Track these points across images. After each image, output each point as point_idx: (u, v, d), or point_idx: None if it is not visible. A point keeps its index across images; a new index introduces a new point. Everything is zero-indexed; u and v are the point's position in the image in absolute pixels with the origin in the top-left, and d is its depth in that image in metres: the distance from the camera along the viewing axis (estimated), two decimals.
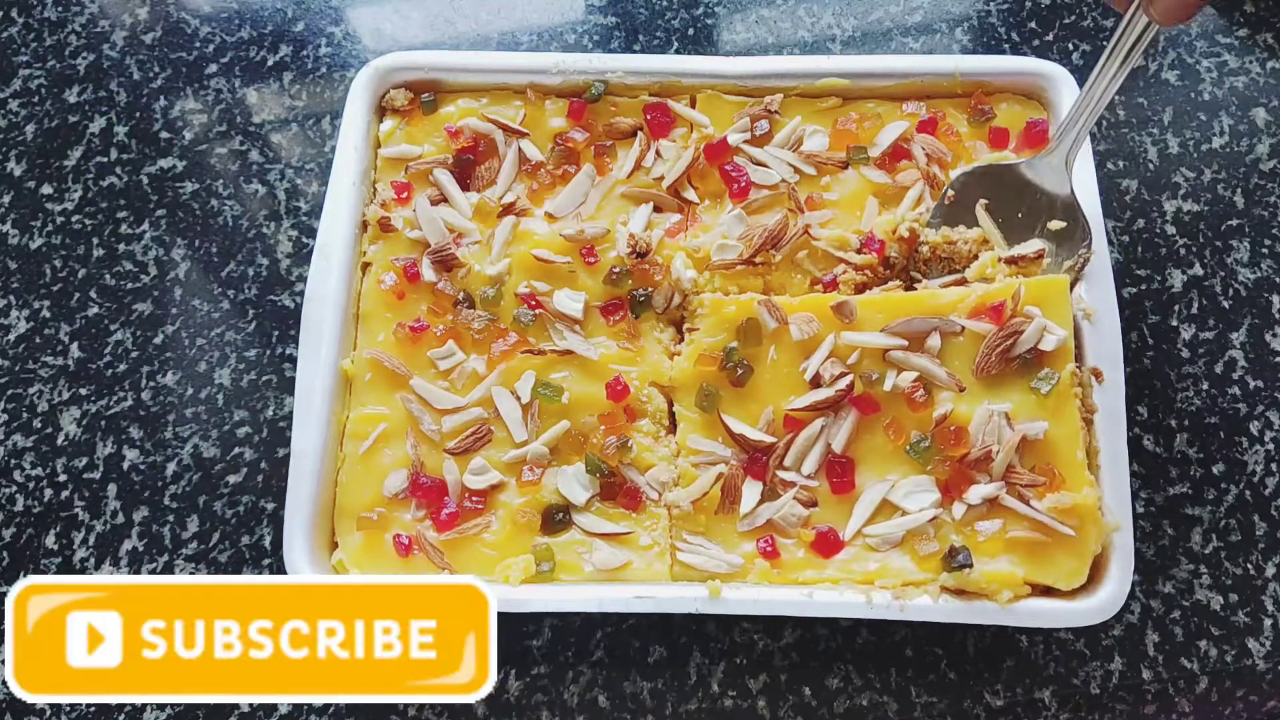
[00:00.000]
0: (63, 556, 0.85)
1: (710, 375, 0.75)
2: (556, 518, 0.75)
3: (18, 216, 0.97)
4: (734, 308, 0.76)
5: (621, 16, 1.04)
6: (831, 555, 0.71)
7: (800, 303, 0.76)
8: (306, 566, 0.72)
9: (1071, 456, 0.70)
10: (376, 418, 0.77)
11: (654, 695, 0.79)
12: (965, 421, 0.71)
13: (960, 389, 0.72)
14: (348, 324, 0.79)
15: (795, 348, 0.75)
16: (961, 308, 0.73)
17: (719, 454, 0.74)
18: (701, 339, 0.76)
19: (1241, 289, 0.90)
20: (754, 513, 0.72)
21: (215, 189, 0.97)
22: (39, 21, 1.06)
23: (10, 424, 0.89)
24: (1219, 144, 0.96)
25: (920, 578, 0.70)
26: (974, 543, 0.70)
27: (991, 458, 0.70)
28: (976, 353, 0.72)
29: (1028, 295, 0.72)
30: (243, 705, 0.80)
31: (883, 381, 0.73)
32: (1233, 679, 0.79)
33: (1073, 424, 0.71)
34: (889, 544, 0.71)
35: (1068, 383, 0.71)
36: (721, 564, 0.71)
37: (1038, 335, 0.71)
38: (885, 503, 0.72)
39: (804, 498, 0.72)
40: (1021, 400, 0.71)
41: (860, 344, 0.74)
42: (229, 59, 1.03)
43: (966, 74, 0.84)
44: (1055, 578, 0.69)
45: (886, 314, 0.74)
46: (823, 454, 0.73)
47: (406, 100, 0.86)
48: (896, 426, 0.73)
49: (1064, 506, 0.69)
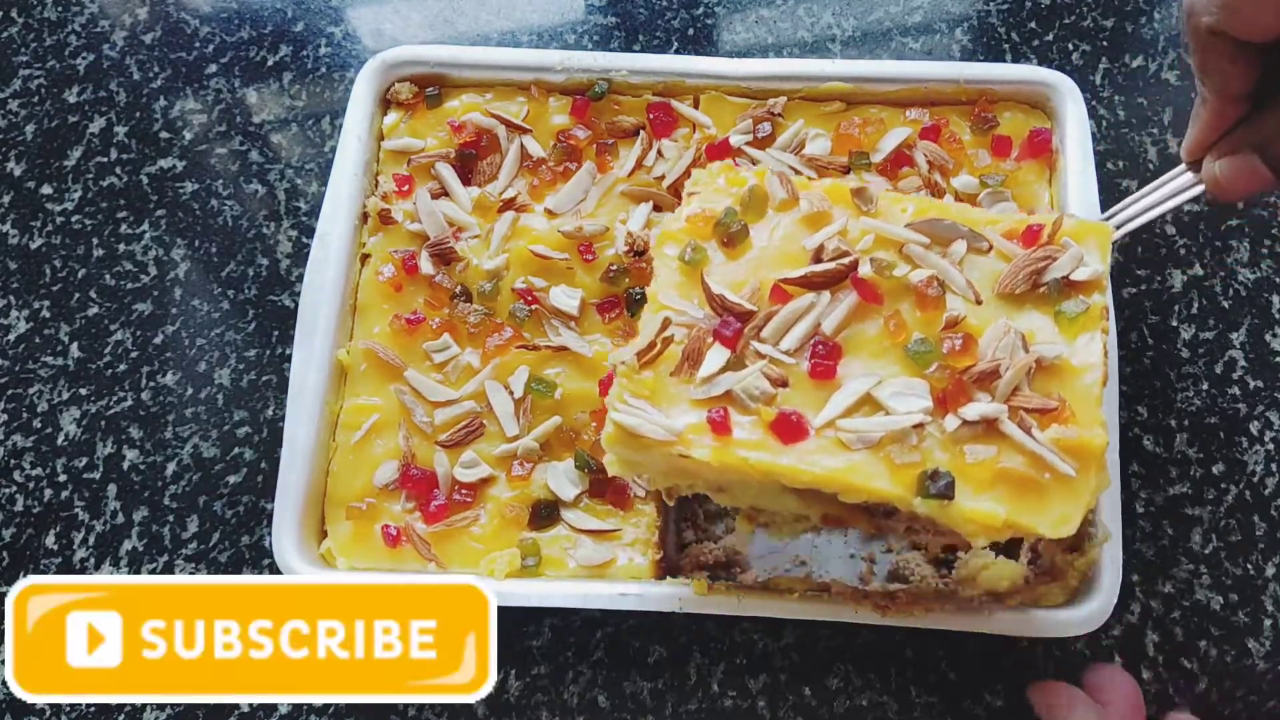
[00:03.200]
0: (62, 556, 0.85)
1: (701, 236, 0.66)
2: (544, 513, 0.75)
3: (17, 216, 0.97)
4: (748, 174, 0.69)
5: (621, 16, 1.04)
6: (792, 442, 0.60)
7: (820, 185, 0.68)
8: (295, 555, 0.73)
9: (1088, 392, 0.61)
10: (370, 408, 0.78)
11: (654, 695, 0.79)
12: (976, 333, 0.62)
13: (977, 301, 0.63)
14: (344, 314, 0.80)
15: (802, 224, 0.66)
16: (994, 226, 0.66)
17: (691, 315, 0.64)
18: (700, 203, 0.68)
19: (1241, 289, 0.90)
20: (713, 379, 0.61)
21: (215, 189, 0.97)
22: (39, 21, 1.06)
23: (10, 424, 0.89)
24: None
25: (889, 490, 0.58)
26: (960, 466, 0.59)
27: (999, 374, 0.60)
28: (1001, 275, 0.64)
29: (1068, 230, 0.65)
30: (243, 705, 0.80)
31: (893, 268, 0.64)
32: (1233, 679, 0.79)
33: (1095, 358, 0.62)
34: (863, 443, 0.59)
35: (1098, 314, 0.63)
36: (658, 430, 0.60)
37: (1073, 264, 0.63)
38: (868, 398, 0.61)
39: (774, 374, 0.61)
40: (1043, 329, 0.63)
41: (876, 230, 0.65)
42: (229, 59, 1.03)
43: (970, 81, 0.84)
44: (1041, 522, 0.59)
45: (913, 213, 0.67)
46: (808, 332, 0.63)
47: (411, 94, 0.86)
48: (899, 322, 0.63)
49: (1068, 441, 0.59)
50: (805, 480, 0.59)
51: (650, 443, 0.60)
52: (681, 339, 0.62)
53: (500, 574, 0.72)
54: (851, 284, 0.63)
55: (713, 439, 0.60)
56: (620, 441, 0.61)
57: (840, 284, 0.64)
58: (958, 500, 0.58)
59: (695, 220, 0.67)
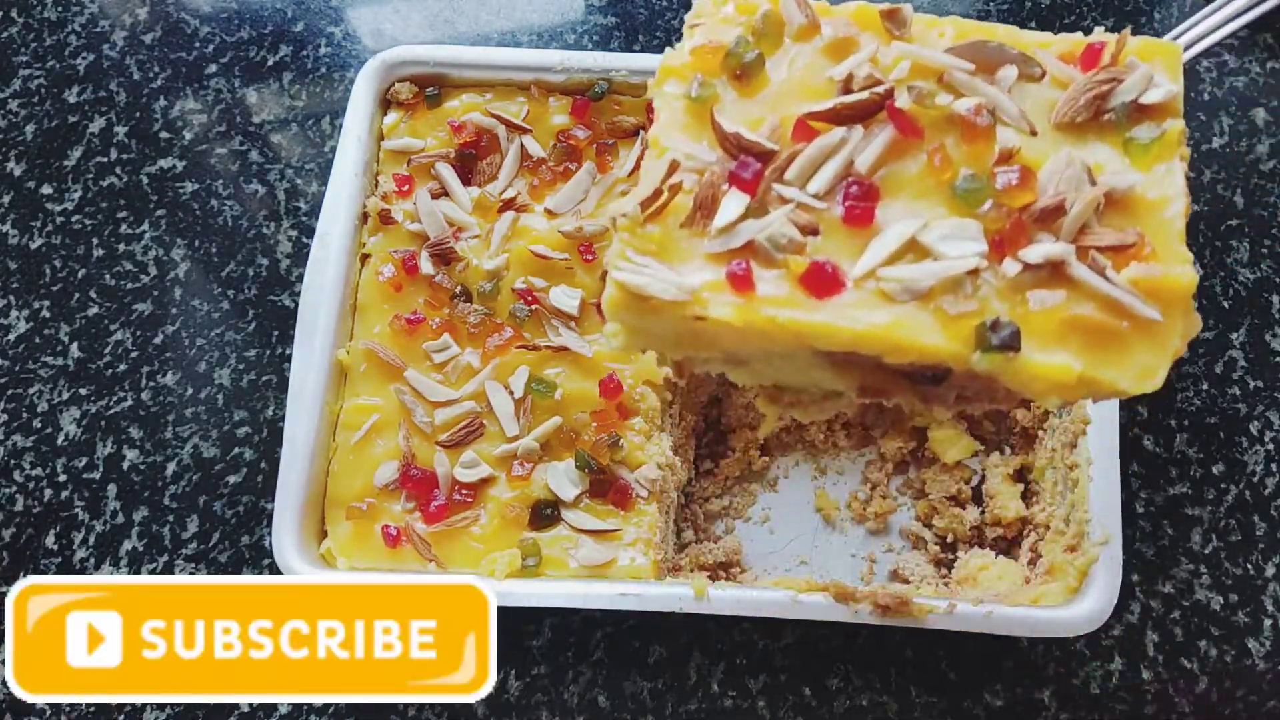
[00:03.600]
0: (62, 557, 0.85)
1: (708, 71, 0.57)
2: (545, 513, 0.75)
3: (18, 216, 0.97)
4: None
5: (621, 17, 1.04)
6: (826, 296, 0.51)
7: (843, 7, 0.59)
8: (294, 555, 0.73)
9: (1168, 226, 0.52)
10: (370, 408, 0.78)
11: (654, 695, 0.79)
12: (1035, 165, 0.53)
13: (1032, 133, 0.54)
14: (345, 314, 0.80)
15: (825, 54, 0.57)
16: (1049, 49, 0.57)
17: (702, 159, 0.54)
18: (704, 34, 0.58)
19: (1241, 289, 0.90)
20: (732, 229, 0.52)
21: (215, 189, 0.97)
22: (39, 21, 1.06)
23: (10, 424, 0.89)
24: (1219, 144, 0.96)
25: (942, 345, 0.50)
26: (1024, 315, 0.50)
27: (1065, 210, 0.52)
28: (1058, 103, 0.55)
29: (1134, 49, 0.57)
30: (242, 705, 0.80)
31: (934, 96, 0.54)
32: (1233, 679, 0.79)
33: (1175, 189, 0.53)
34: (910, 293, 0.51)
35: (1175, 139, 0.54)
36: (670, 288, 0.51)
37: (1143, 85, 0.54)
38: (913, 243, 0.52)
39: (803, 220, 0.52)
40: (1110, 160, 0.54)
41: (912, 56, 0.56)
42: (229, 59, 1.03)
43: None
44: (1123, 376, 0.51)
45: (952, 37, 0.58)
46: (839, 172, 0.54)
47: (411, 94, 0.86)
48: (944, 158, 0.54)
49: (1151, 280, 0.50)
50: (843, 340, 0.50)
51: (660, 304, 0.51)
52: (691, 187, 0.53)
53: (500, 574, 0.72)
54: (888, 115, 0.54)
55: (734, 296, 0.51)
56: (624, 305, 0.52)
57: (874, 117, 0.55)
58: (1024, 353, 0.49)
59: (701, 53, 0.57)
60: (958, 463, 0.84)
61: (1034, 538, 0.78)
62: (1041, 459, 0.79)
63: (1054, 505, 0.76)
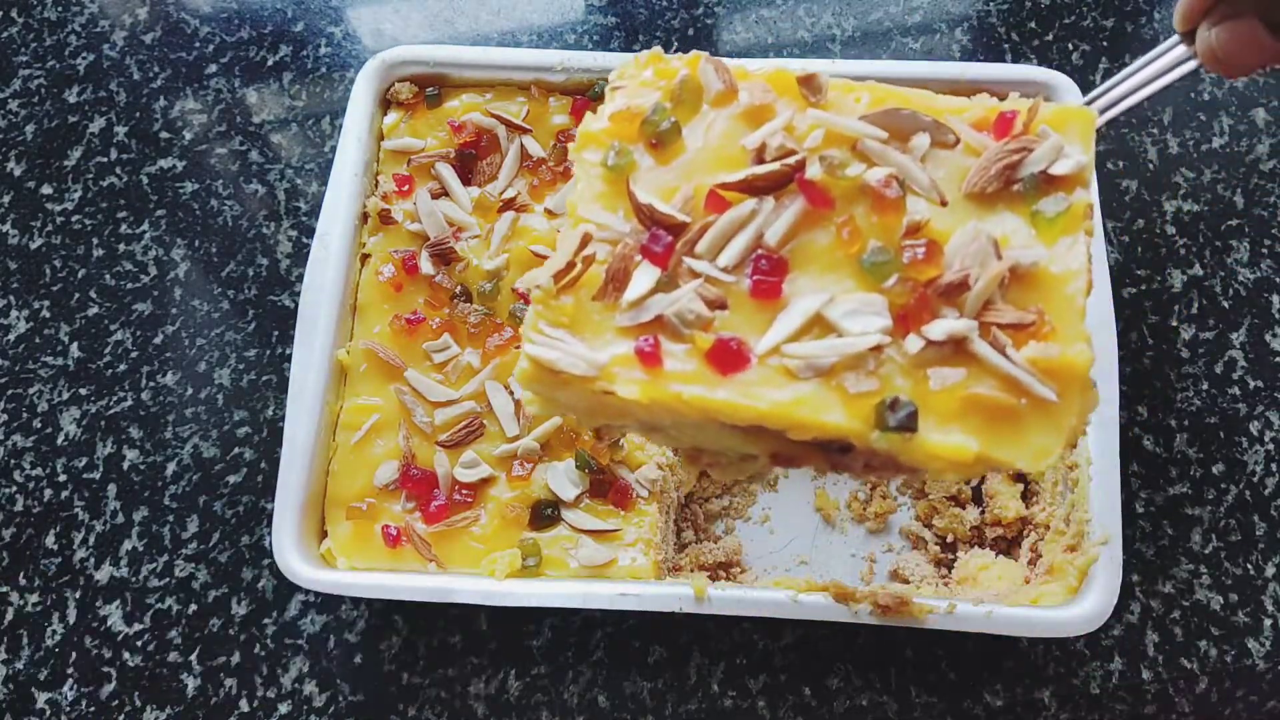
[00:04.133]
0: (62, 556, 0.85)
1: (626, 137, 0.57)
2: (545, 513, 0.75)
3: (18, 216, 0.97)
4: (679, 63, 0.59)
5: (621, 17, 1.04)
6: (731, 372, 0.52)
7: (761, 72, 0.59)
8: (295, 555, 0.73)
9: (1070, 303, 0.53)
10: (370, 408, 0.78)
11: (654, 695, 0.79)
12: (942, 239, 0.53)
13: (942, 203, 0.54)
14: (345, 314, 0.80)
15: (742, 121, 0.57)
16: (962, 116, 0.57)
17: (616, 229, 0.55)
18: (624, 99, 0.58)
19: (1241, 289, 0.90)
20: (641, 303, 0.53)
21: (215, 189, 0.97)
22: (39, 21, 1.06)
23: (10, 424, 0.89)
24: (1219, 144, 0.96)
25: (842, 424, 0.51)
26: (923, 394, 0.51)
27: (968, 285, 0.52)
28: (969, 172, 0.55)
29: (1046, 117, 0.56)
30: (242, 705, 0.80)
31: (846, 167, 0.54)
32: (1233, 679, 0.79)
33: (1078, 264, 0.53)
34: (812, 371, 0.51)
35: (1080, 213, 0.54)
36: (579, 363, 0.52)
37: (1052, 155, 0.55)
38: (818, 319, 0.53)
39: (711, 295, 0.53)
40: (1017, 232, 0.54)
41: (826, 124, 0.56)
42: (229, 59, 1.03)
43: (971, 81, 0.84)
44: (1019, 455, 0.51)
45: (868, 104, 0.58)
46: (749, 245, 0.54)
47: (411, 94, 0.86)
48: (852, 230, 0.54)
49: (1047, 360, 0.51)
50: (747, 417, 0.51)
51: (570, 379, 0.52)
52: (605, 257, 0.54)
53: (500, 574, 0.72)
54: (798, 187, 0.54)
55: (641, 372, 0.52)
56: (536, 378, 0.53)
57: (785, 188, 0.55)
58: (921, 433, 0.50)
59: (620, 118, 0.57)
60: None
61: (1034, 538, 0.78)
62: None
63: (1054, 505, 0.76)
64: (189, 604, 0.83)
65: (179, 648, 0.82)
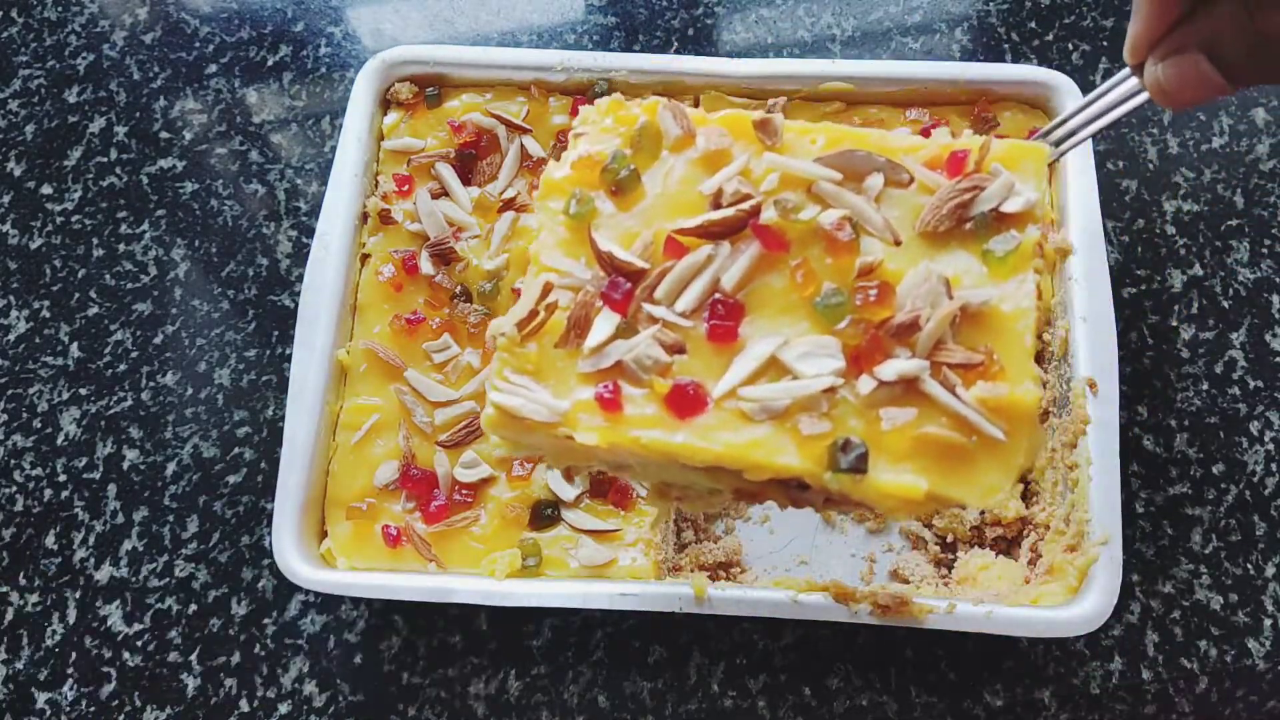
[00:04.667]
0: (62, 557, 0.85)
1: (588, 184, 0.59)
2: (545, 513, 0.75)
3: (17, 216, 0.97)
4: (638, 109, 0.60)
5: (621, 16, 1.04)
6: (688, 416, 0.53)
7: (719, 116, 0.60)
8: (295, 555, 0.73)
9: (1018, 342, 0.54)
10: (370, 408, 0.78)
11: (654, 695, 0.79)
12: (894, 280, 0.55)
13: (896, 242, 0.55)
14: (345, 314, 0.80)
15: (700, 165, 0.58)
16: (915, 155, 0.58)
17: (578, 276, 0.57)
18: (586, 145, 0.59)
19: (1241, 289, 0.90)
20: (602, 350, 0.55)
21: (215, 189, 0.97)
22: (39, 21, 1.06)
23: (10, 424, 0.89)
24: (1219, 144, 0.96)
25: (796, 465, 0.52)
26: (875, 434, 0.52)
27: (919, 326, 0.53)
28: (923, 210, 0.56)
29: (998, 153, 0.57)
30: (242, 705, 0.80)
31: (800, 210, 0.56)
32: (1233, 679, 0.79)
33: (1028, 302, 0.54)
34: (767, 413, 0.53)
35: (1029, 251, 0.55)
36: (542, 410, 0.54)
37: (1003, 193, 0.55)
38: (773, 361, 0.54)
39: (668, 339, 0.54)
40: (969, 270, 0.55)
41: (782, 167, 0.57)
42: (229, 59, 1.03)
43: (970, 81, 0.84)
44: (968, 493, 0.52)
45: (823, 145, 0.59)
46: (706, 291, 0.55)
47: (411, 94, 0.86)
48: (807, 272, 0.55)
49: (996, 399, 0.52)
50: (705, 459, 0.53)
51: (534, 425, 0.54)
52: (567, 304, 0.56)
53: (500, 574, 0.72)
54: (753, 232, 0.56)
55: (602, 418, 0.54)
56: (501, 425, 0.54)
57: (741, 232, 0.56)
58: (872, 473, 0.51)
59: (581, 166, 0.59)
60: None
61: (1034, 538, 0.78)
62: (1041, 459, 0.79)
63: (1054, 505, 0.76)
64: (189, 604, 0.83)
65: (179, 648, 0.82)
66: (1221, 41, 0.49)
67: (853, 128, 0.59)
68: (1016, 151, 0.58)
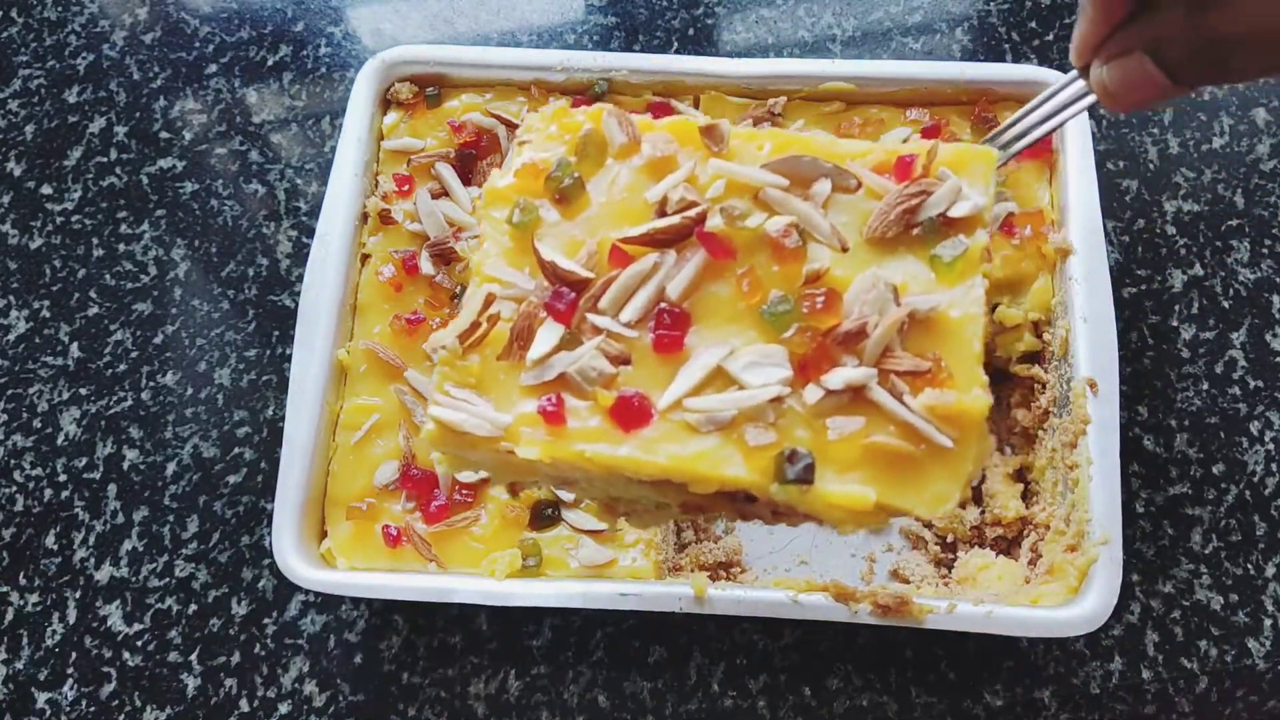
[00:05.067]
0: (63, 557, 0.85)
1: (533, 192, 0.58)
2: (545, 513, 0.75)
3: (17, 216, 0.97)
4: (582, 117, 0.59)
5: (621, 16, 1.04)
6: (633, 428, 0.52)
7: (664, 123, 0.59)
8: (294, 555, 0.73)
9: (966, 348, 0.53)
10: (370, 408, 0.78)
11: (654, 695, 0.79)
12: (841, 287, 0.54)
13: (843, 249, 0.55)
14: (345, 314, 0.80)
15: (645, 173, 0.57)
16: (863, 160, 0.57)
17: (521, 287, 0.56)
18: (531, 153, 0.59)
19: (1242, 289, 0.90)
20: (545, 361, 0.53)
21: (215, 189, 0.97)
22: (38, 21, 1.06)
23: (10, 424, 0.89)
24: (1219, 144, 0.96)
25: (743, 477, 0.51)
26: (822, 444, 0.51)
27: (866, 333, 0.52)
28: (871, 216, 0.56)
29: (946, 158, 0.57)
30: (242, 705, 0.80)
31: (746, 217, 0.55)
32: (1233, 679, 0.79)
33: (976, 308, 0.53)
34: (713, 424, 0.52)
35: (977, 256, 0.54)
36: (483, 424, 0.53)
37: (950, 198, 0.55)
38: (719, 371, 0.53)
39: (613, 350, 0.54)
40: (917, 276, 0.55)
41: (728, 174, 0.56)
42: (229, 59, 1.03)
43: (971, 81, 0.84)
44: (918, 502, 0.52)
45: (770, 151, 0.58)
46: (651, 300, 0.54)
47: (411, 94, 0.86)
48: (753, 280, 0.54)
49: (945, 407, 0.51)
50: (650, 472, 0.52)
51: (476, 440, 0.52)
52: (510, 315, 0.54)
53: (500, 574, 0.72)
54: (698, 239, 0.55)
55: (544, 431, 0.52)
56: (443, 440, 0.53)
57: (687, 240, 0.55)
58: (819, 484, 0.50)
59: (525, 174, 0.58)
60: None
61: (1034, 538, 0.78)
62: (1042, 459, 0.79)
63: (1054, 505, 0.76)
64: (189, 604, 0.83)
65: (179, 648, 0.82)
66: (1165, 43, 0.49)
67: (800, 133, 0.59)
68: (964, 156, 0.57)
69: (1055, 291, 0.78)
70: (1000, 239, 0.79)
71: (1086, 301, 0.76)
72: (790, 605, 0.70)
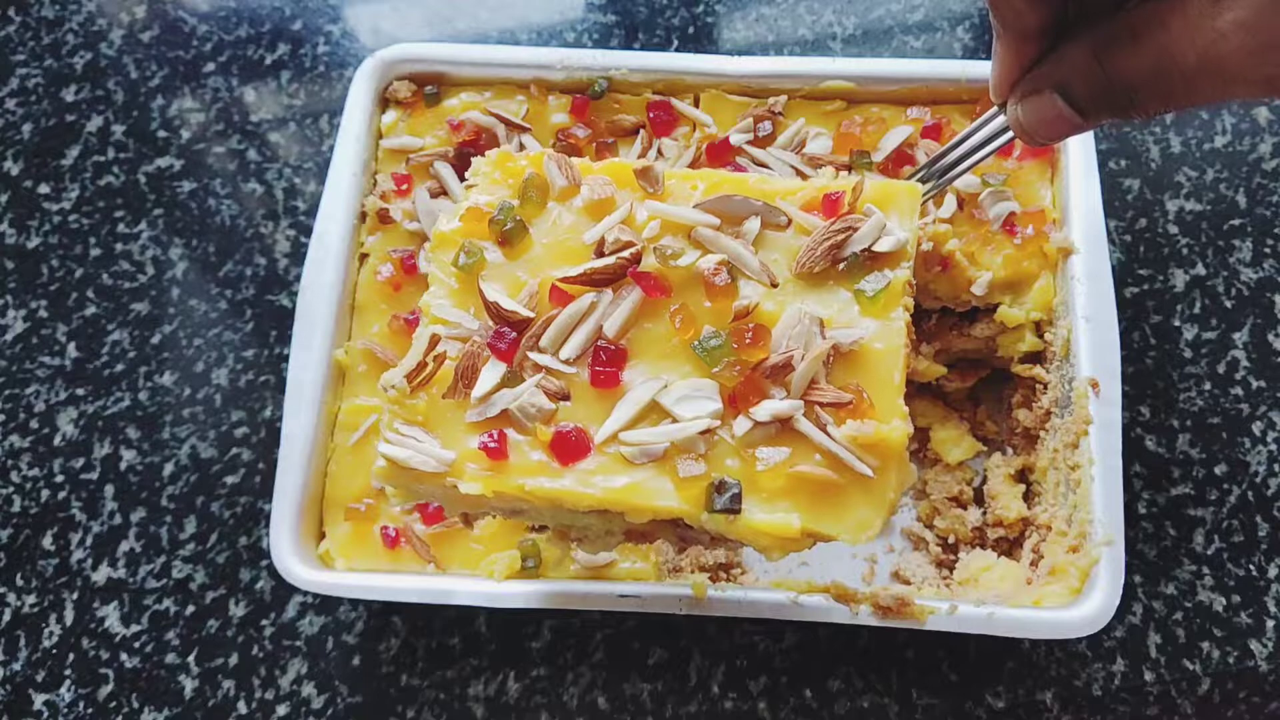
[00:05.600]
0: (60, 558, 0.84)
1: (478, 235, 0.61)
2: None
3: (15, 216, 0.96)
4: (525, 161, 0.62)
5: (621, 15, 1.04)
6: (571, 462, 0.55)
7: (601, 166, 0.63)
8: (292, 556, 0.73)
9: (887, 379, 0.56)
10: (368, 409, 0.78)
11: (654, 697, 0.79)
12: (770, 321, 0.57)
13: (773, 284, 0.58)
14: (343, 314, 0.80)
15: (585, 214, 0.61)
16: (793, 198, 0.60)
17: (466, 327, 0.59)
18: (477, 197, 0.62)
19: (1244, 289, 0.90)
20: (489, 398, 0.56)
21: (213, 188, 0.97)
22: (36, 20, 1.05)
23: (7, 424, 0.89)
24: (1221, 143, 0.95)
25: (676, 507, 0.54)
26: (751, 473, 0.54)
27: (793, 366, 0.55)
28: (800, 252, 0.59)
29: (871, 194, 0.60)
30: (240, 707, 0.80)
31: (679, 256, 0.58)
32: (1235, 680, 0.79)
33: (897, 340, 0.57)
34: (647, 456, 0.55)
35: (899, 289, 0.57)
36: (429, 460, 0.55)
37: (875, 233, 0.58)
38: (654, 406, 0.56)
39: (552, 387, 0.56)
40: (843, 311, 0.57)
41: (662, 214, 0.59)
42: (226, 58, 1.03)
43: (972, 80, 0.84)
44: (840, 529, 0.54)
45: (704, 191, 0.61)
46: (589, 338, 0.57)
47: (410, 92, 0.86)
48: (686, 317, 0.57)
49: (866, 437, 0.54)
50: (588, 503, 0.55)
51: (423, 475, 0.55)
52: (456, 355, 0.57)
53: (500, 575, 0.72)
54: (632, 279, 0.58)
55: (487, 467, 0.55)
56: (392, 476, 0.56)
57: (624, 279, 0.58)
58: (746, 512, 0.54)
59: (471, 217, 0.61)
60: (960, 463, 0.84)
61: (1036, 539, 0.78)
62: (1044, 460, 0.79)
63: (1056, 506, 0.76)
64: (187, 605, 0.83)
65: (177, 649, 0.81)
66: (1073, 83, 0.52)
67: (732, 174, 0.62)
68: (889, 192, 0.60)
69: (1057, 291, 0.78)
70: (1002, 238, 0.79)
71: (1088, 301, 0.76)
72: (791, 606, 0.69)
